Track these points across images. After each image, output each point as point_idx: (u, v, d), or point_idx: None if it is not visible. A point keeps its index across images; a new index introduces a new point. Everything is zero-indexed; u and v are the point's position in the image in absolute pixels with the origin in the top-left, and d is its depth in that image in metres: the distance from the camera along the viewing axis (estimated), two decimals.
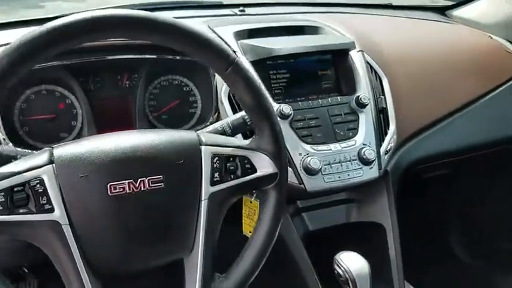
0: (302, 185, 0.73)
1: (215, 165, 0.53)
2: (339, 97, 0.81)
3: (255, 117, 0.55)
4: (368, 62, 0.86)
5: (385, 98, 0.84)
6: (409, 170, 0.88)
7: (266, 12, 1.09)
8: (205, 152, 0.53)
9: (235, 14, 1.02)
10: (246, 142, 0.57)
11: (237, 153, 0.55)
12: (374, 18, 1.18)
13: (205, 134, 0.56)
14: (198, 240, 0.52)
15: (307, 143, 0.75)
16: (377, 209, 0.82)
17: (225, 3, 1.14)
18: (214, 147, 0.54)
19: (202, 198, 0.52)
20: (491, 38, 1.14)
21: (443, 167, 0.98)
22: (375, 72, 0.87)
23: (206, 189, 0.53)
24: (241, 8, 1.03)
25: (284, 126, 0.70)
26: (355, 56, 0.85)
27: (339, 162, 0.75)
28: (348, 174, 0.75)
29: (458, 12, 1.28)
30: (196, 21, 0.89)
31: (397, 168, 0.84)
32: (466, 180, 1.20)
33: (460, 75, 0.99)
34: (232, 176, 0.54)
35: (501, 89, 1.01)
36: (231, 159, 0.55)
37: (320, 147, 0.75)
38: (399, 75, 0.91)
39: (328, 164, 0.74)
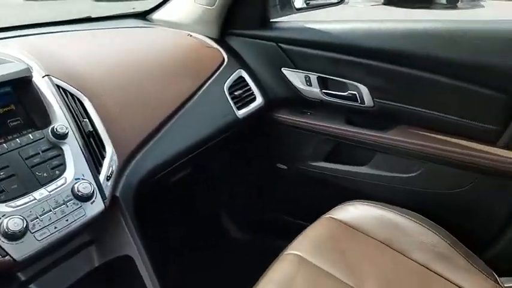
0: (7, 257, 0.58)
1: None
2: (31, 134, 0.68)
3: None
4: (60, 86, 0.76)
5: (90, 120, 0.76)
6: (145, 185, 0.84)
7: None
8: None
9: None
10: None
11: None
12: (69, 35, 1.08)
13: None
14: None
15: (1, 202, 0.60)
16: (120, 240, 0.74)
17: None
18: None
19: None
20: (191, 36, 1.22)
21: (183, 168, 0.99)
22: (72, 95, 0.77)
23: None
24: None
25: None
26: (41, 83, 0.74)
27: (51, 211, 0.63)
28: (67, 220, 0.64)
29: (157, 15, 1.32)
30: None
31: (128, 189, 0.78)
32: (212, 170, 1.28)
33: (169, 78, 1.00)
34: None
35: (209, 82, 1.08)
36: None
37: (20, 201, 0.61)
38: (104, 92, 0.85)
39: (37, 218, 0.61)
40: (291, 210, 1.36)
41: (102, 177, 0.71)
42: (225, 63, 1.17)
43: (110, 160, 0.74)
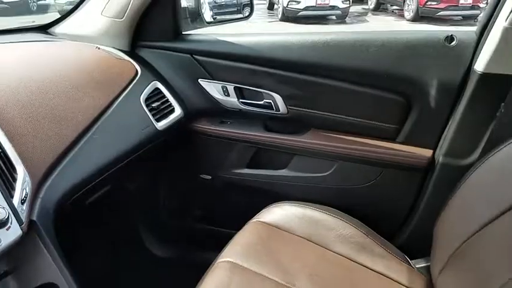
0: None
1: None
2: None
3: None
4: None
5: None
6: (63, 207, 0.78)
7: None
8: None
9: None
10: None
11: None
12: None
13: None
14: None
15: None
16: (42, 267, 0.68)
17: None
18: None
19: None
20: (99, 48, 1.17)
21: (102, 185, 0.94)
22: None
23: None
24: None
25: None
26: None
27: None
28: None
29: (60, 28, 1.24)
30: None
31: (46, 212, 0.72)
32: (132, 186, 1.23)
33: (79, 92, 0.94)
34: None
35: (123, 95, 1.04)
36: None
37: None
38: (9, 109, 0.78)
39: None
40: (218, 220, 1.37)
41: (16, 201, 0.65)
42: (138, 75, 1.14)
43: (22, 182, 0.68)
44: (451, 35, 1.05)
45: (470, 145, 1.04)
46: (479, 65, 0.97)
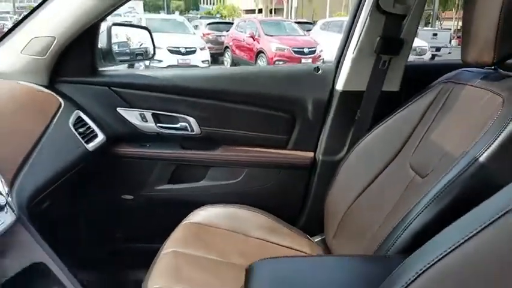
0: None
1: None
2: None
3: None
4: None
5: None
6: (28, 206, 0.87)
7: None
8: None
9: None
10: None
11: None
12: None
13: None
14: None
15: None
16: (30, 249, 0.76)
17: None
18: None
19: None
20: (19, 83, 1.24)
21: (44, 200, 1.01)
22: None
23: None
24: None
25: None
26: None
27: None
28: None
29: None
30: None
31: (21, 207, 0.81)
32: (63, 205, 1.29)
33: (12, 123, 1.02)
34: None
35: (54, 121, 1.14)
36: None
37: None
38: None
39: None
40: (144, 236, 1.47)
41: (3, 192, 0.74)
42: (62, 105, 1.25)
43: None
44: (317, 66, 1.44)
45: (339, 144, 1.41)
46: (339, 86, 1.37)
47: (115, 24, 1.44)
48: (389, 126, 1.15)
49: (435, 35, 13.46)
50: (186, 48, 8.97)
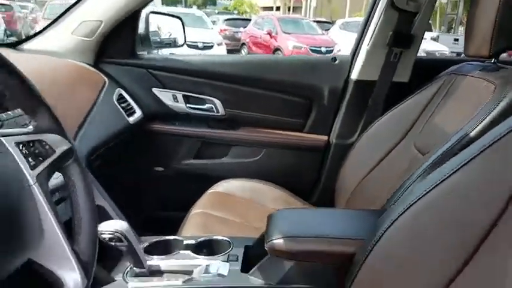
0: None
1: (24, 152, 0.56)
2: None
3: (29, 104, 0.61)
4: None
5: None
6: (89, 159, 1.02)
7: None
8: (8, 142, 0.55)
9: None
10: (31, 128, 0.61)
11: (34, 138, 0.60)
12: None
13: None
14: (51, 225, 0.56)
15: None
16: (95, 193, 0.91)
17: None
18: (14, 137, 0.57)
19: (31, 183, 0.54)
20: (69, 61, 1.41)
21: (96, 159, 1.17)
22: None
23: (30, 174, 0.55)
24: None
25: None
26: None
27: None
28: None
29: (29, 45, 1.44)
30: None
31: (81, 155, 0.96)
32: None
33: (68, 95, 1.18)
34: (41, 158, 0.59)
35: (101, 96, 1.31)
36: (31, 144, 0.59)
37: None
38: None
39: None
40: (172, 205, 1.62)
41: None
42: (106, 83, 1.41)
43: None
44: (334, 57, 1.57)
45: (352, 129, 1.54)
46: (354, 75, 1.50)
47: (152, 12, 1.59)
48: (397, 113, 1.27)
49: (456, 40, 13.39)
50: (203, 43, 8.99)
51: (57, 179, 0.77)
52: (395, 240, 0.62)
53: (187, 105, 1.57)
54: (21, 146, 0.57)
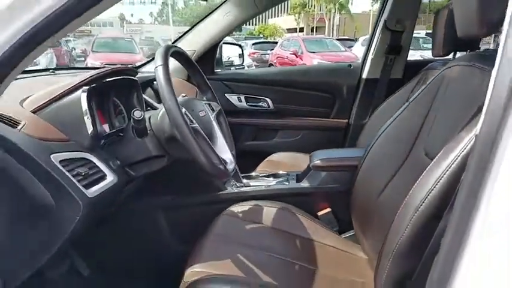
0: None
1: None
2: None
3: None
4: None
5: None
6: None
7: None
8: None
9: None
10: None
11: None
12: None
13: None
14: (220, 135, 1.52)
15: None
16: None
17: None
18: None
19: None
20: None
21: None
22: None
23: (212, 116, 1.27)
24: None
25: None
26: None
27: None
28: None
29: (146, 68, 2.20)
30: None
31: None
32: None
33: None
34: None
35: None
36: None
37: None
38: None
39: None
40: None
41: None
42: (197, 92, 2.13)
43: None
44: (350, 64, 2.26)
45: (364, 113, 2.20)
46: (363, 75, 2.18)
47: (224, 42, 2.33)
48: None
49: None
50: (235, 66, 9.96)
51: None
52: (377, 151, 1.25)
53: (248, 103, 2.28)
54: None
